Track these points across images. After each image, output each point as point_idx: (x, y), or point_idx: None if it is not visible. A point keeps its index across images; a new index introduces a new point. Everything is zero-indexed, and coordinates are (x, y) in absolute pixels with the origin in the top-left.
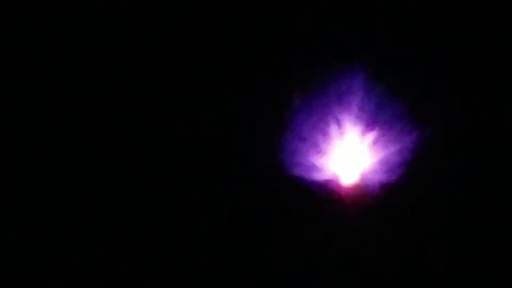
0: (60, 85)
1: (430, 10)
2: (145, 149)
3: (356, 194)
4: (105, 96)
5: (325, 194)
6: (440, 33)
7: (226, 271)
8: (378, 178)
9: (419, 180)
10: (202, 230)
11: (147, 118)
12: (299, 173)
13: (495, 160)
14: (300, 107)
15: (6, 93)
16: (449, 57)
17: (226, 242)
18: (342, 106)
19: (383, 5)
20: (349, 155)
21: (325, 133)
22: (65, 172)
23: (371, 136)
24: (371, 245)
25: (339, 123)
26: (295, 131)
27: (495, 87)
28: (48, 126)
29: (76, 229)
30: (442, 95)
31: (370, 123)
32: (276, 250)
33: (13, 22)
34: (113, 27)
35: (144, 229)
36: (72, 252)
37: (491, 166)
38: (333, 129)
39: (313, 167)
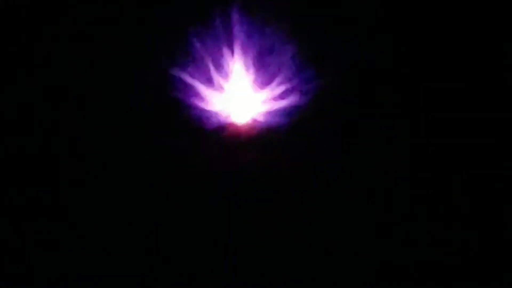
0: (60, 85)
1: None
2: None
3: (248, 135)
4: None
5: (217, 136)
6: None
7: None
8: (270, 120)
9: (309, 125)
10: None
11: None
12: (190, 115)
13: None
14: (193, 44)
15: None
16: None
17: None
18: (235, 44)
19: None
20: (242, 96)
21: (217, 72)
22: (65, 172)
23: (265, 77)
24: (264, 187)
25: (232, 63)
26: (185, 69)
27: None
28: (48, 126)
29: (76, 229)
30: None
31: (264, 64)
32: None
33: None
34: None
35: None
36: (72, 252)
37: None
38: (225, 68)
39: (205, 109)
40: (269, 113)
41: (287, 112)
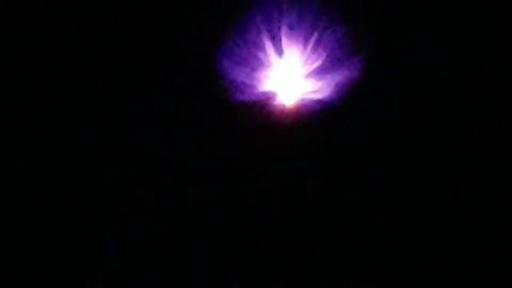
0: (59, 85)
1: None
2: None
3: (295, 114)
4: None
5: (264, 114)
6: None
7: None
8: (317, 97)
9: (358, 102)
10: None
11: None
12: (237, 93)
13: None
14: (238, 26)
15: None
16: None
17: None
18: (282, 23)
19: None
20: (289, 74)
21: (263, 52)
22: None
23: (311, 55)
24: (309, 167)
25: (278, 42)
26: (232, 50)
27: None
28: (48, 126)
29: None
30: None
31: (311, 42)
32: (216, 172)
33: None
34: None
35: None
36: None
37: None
38: (271, 48)
39: (251, 87)
40: (317, 92)
41: (335, 92)
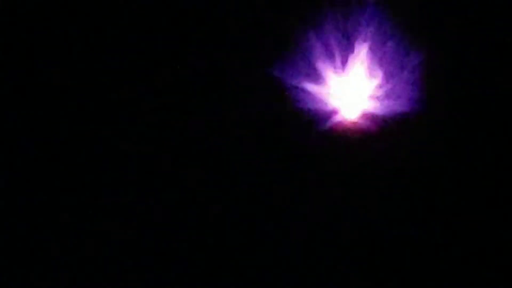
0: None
1: None
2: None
3: (360, 127)
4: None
5: (329, 127)
6: None
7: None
8: (382, 112)
9: (422, 118)
10: None
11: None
12: (302, 107)
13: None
14: (302, 39)
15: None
16: None
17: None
18: (346, 37)
19: None
20: (353, 88)
21: (328, 65)
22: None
23: (376, 69)
24: (374, 182)
25: (343, 55)
26: (296, 63)
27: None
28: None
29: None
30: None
31: (375, 56)
32: (276, 184)
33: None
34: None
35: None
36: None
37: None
38: (337, 61)
39: (316, 100)
40: (379, 110)
41: (397, 111)
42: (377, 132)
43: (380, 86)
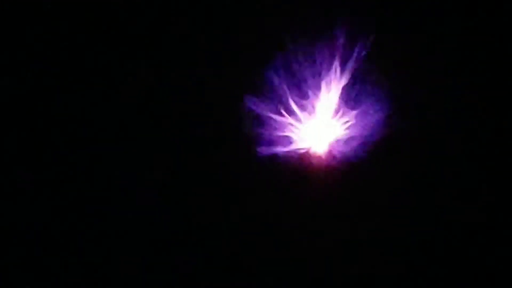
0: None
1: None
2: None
3: (328, 166)
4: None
5: (297, 166)
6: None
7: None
8: (348, 150)
9: (388, 156)
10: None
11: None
12: (270, 146)
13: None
14: (273, 76)
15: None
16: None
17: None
18: (316, 77)
19: None
20: (321, 127)
21: (298, 105)
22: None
23: (344, 109)
24: (342, 214)
25: (312, 95)
26: (267, 102)
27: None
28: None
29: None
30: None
31: (344, 96)
32: (250, 224)
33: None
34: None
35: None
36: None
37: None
38: (306, 101)
39: (284, 139)
40: (347, 142)
41: (365, 143)
42: (342, 167)
43: (348, 126)
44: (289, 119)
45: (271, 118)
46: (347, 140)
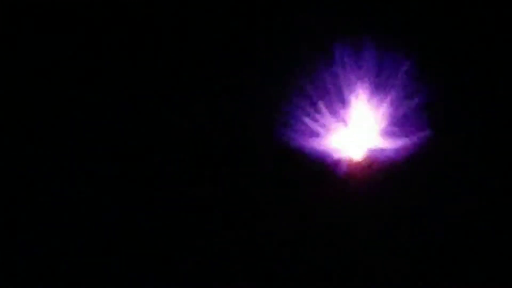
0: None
1: None
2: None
3: (364, 170)
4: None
5: (333, 171)
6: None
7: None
8: (385, 155)
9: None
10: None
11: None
12: (308, 151)
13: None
14: (309, 83)
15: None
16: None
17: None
18: (351, 81)
19: None
20: (358, 131)
21: (333, 113)
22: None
23: (380, 111)
24: (376, 223)
25: (348, 100)
26: (303, 107)
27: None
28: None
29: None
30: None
31: (380, 100)
32: (285, 227)
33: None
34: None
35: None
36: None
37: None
38: (341, 105)
39: (320, 147)
40: (385, 150)
41: (403, 151)
42: (380, 172)
43: (385, 126)
44: (324, 127)
45: (306, 126)
46: (383, 148)
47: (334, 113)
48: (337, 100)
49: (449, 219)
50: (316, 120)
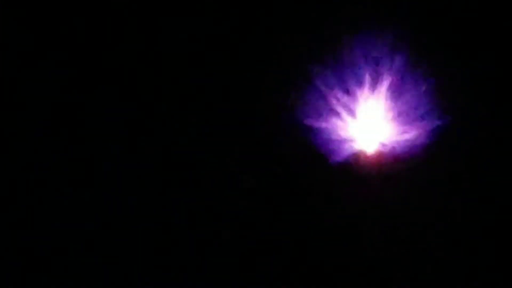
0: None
1: None
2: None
3: (378, 164)
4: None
5: (347, 165)
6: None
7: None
8: (400, 149)
9: (438, 156)
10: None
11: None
12: (321, 145)
13: None
14: (321, 77)
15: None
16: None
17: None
18: (365, 75)
19: None
20: (371, 125)
21: (347, 103)
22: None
23: (394, 106)
24: (389, 218)
25: (361, 94)
26: (315, 102)
27: None
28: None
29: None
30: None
31: (395, 97)
32: (298, 222)
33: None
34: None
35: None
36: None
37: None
38: (355, 99)
39: (336, 138)
40: (399, 143)
41: (417, 144)
42: (394, 165)
43: (399, 127)
44: (340, 121)
45: (322, 120)
46: (398, 142)
47: (351, 107)
48: (348, 95)
49: (461, 215)
50: (333, 115)
